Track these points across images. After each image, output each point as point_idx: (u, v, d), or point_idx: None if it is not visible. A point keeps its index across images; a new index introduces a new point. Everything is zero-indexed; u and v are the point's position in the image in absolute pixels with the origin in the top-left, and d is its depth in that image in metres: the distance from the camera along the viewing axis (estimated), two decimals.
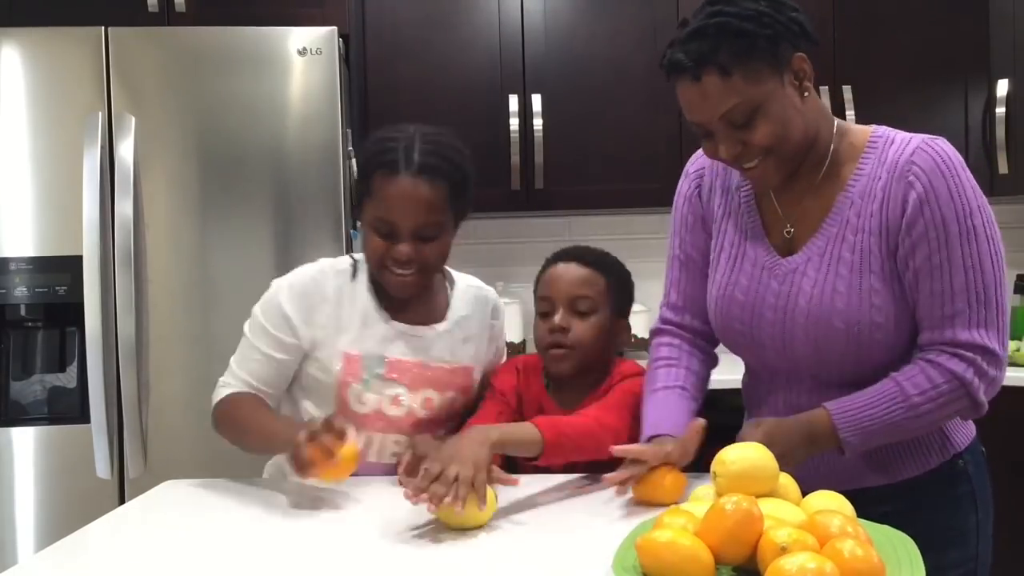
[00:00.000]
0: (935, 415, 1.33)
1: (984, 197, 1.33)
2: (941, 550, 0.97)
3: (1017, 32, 2.83)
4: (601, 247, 1.79)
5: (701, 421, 1.43)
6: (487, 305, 1.78)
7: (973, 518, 1.42)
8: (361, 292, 1.66)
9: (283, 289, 1.63)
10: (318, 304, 1.62)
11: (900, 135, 1.37)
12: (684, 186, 1.56)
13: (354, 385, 1.61)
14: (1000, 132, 2.86)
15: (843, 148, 1.39)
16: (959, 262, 1.30)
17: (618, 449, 1.38)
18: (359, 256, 1.69)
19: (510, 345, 2.47)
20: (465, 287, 1.77)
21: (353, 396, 1.62)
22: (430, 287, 1.69)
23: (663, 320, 1.60)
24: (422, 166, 1.54)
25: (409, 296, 1.63)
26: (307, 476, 1.39)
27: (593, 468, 1.54)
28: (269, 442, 1.55)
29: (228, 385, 1.65)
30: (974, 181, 1.33)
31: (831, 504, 1.10)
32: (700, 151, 1.54)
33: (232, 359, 1.67)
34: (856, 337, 1.34)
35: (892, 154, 1.34)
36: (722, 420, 1.50)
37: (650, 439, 1.43)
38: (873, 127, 1.41)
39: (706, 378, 1.58)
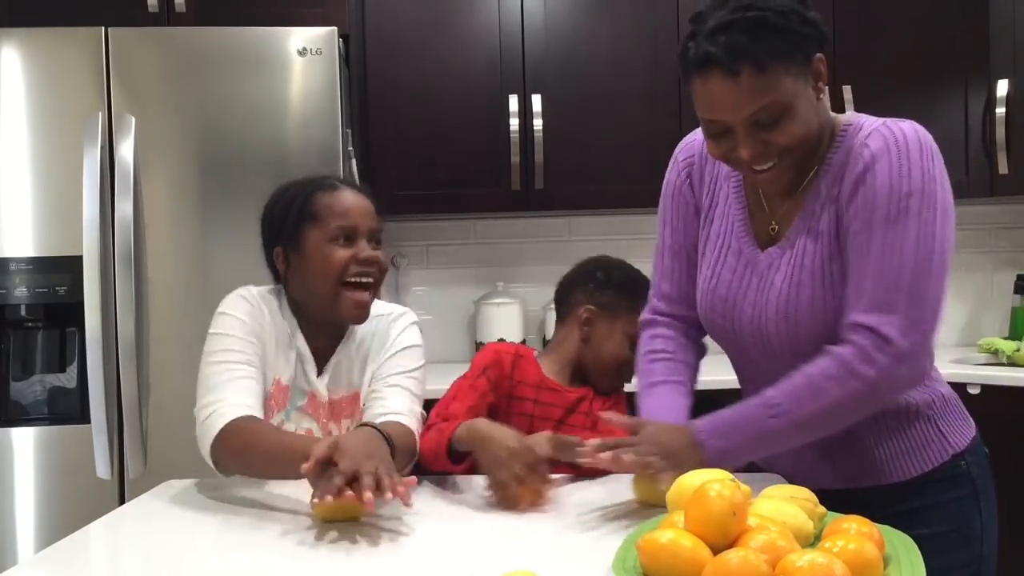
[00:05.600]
0: (830, 400, 1.26)
1: (941, 185, 1.26)
2: (945, 552, 0.96)
3: (1017, 32, 2.83)
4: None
5: None
6: (387, 321, 1.73)
7: (977, 520, 1.39)
8: (286, 317, 1.67)
9: (232, 306, 1.65)
10: (260, 320, 1.64)
11: (869, 120, 1.33)
12: (673, 175, 1.52)
13: (277, 414, 1.64)
14: (1000, 132, 2.86)
15: (828, 143, 1.36)
16: (878, 241, 1.25)
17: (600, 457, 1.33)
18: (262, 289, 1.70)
19: None
20: (375, 315, 1.70)
21: (275, 424, 1.62)
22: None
23: (654, 311, 1.56)
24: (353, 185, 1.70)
25: (364, 313, 1.63)
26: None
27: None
28: (288, 468, 1.39)
29: (221, 414, 1.51)
30: (932, 166, 1.26)
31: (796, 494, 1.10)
32: (688, 139, 1.52)
33: (207, 393, 1.55)
34: (822, 328, 1.32)
35: (856, 140, 1.31)
36: None
37: None
38: (848, 115, 1.37)
39: (698, 369, 1.56)
